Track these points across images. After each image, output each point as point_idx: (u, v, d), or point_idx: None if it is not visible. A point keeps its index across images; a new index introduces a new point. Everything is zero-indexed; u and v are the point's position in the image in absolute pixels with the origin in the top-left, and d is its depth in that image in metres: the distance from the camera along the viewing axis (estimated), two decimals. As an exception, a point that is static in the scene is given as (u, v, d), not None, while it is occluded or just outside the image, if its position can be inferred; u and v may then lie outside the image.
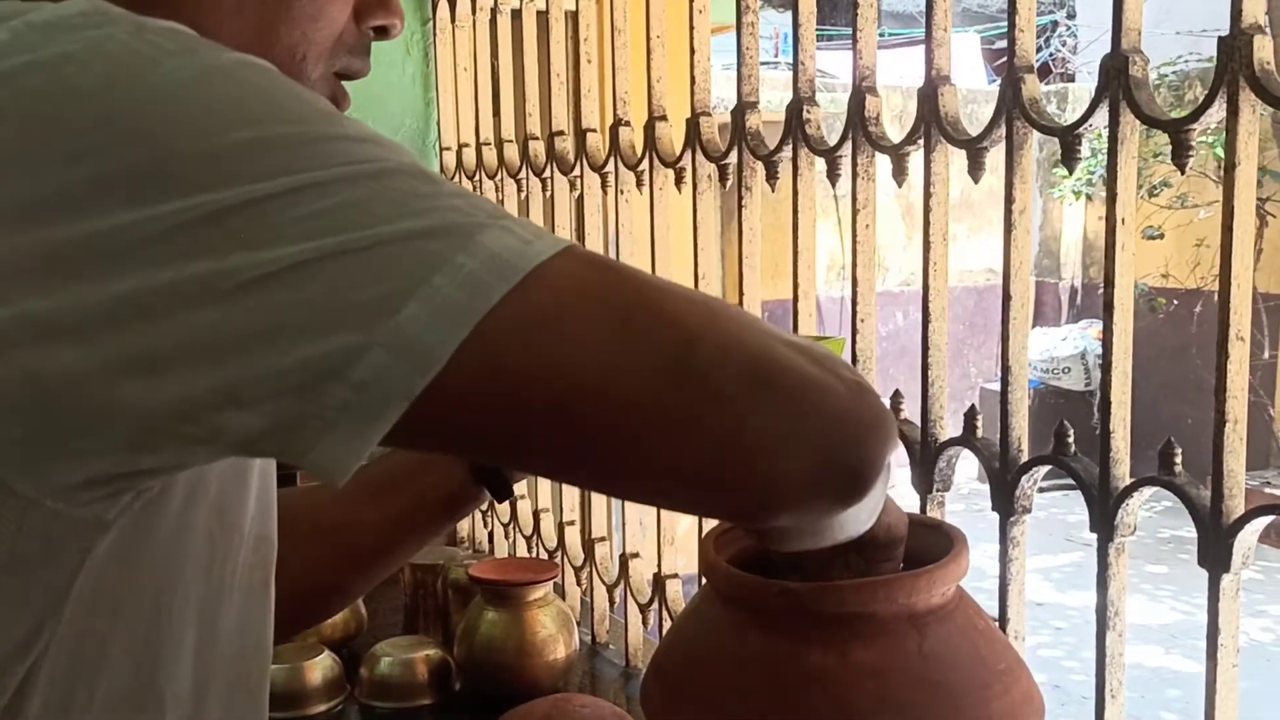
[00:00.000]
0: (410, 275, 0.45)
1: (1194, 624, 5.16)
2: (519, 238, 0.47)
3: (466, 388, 0.46)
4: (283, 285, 0.45)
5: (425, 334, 0.45)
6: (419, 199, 0.47)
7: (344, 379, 0.45)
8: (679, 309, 0.49)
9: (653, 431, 0.49)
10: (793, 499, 0.52)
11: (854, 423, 0.50)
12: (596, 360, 0.47)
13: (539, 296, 0.47)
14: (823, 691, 0.75)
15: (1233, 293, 0.83)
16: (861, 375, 0.54)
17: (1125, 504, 0.93)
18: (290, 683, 1.48)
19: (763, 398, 0.48)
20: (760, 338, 0.49)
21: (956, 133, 1.04)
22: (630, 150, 1.54)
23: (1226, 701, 0.89)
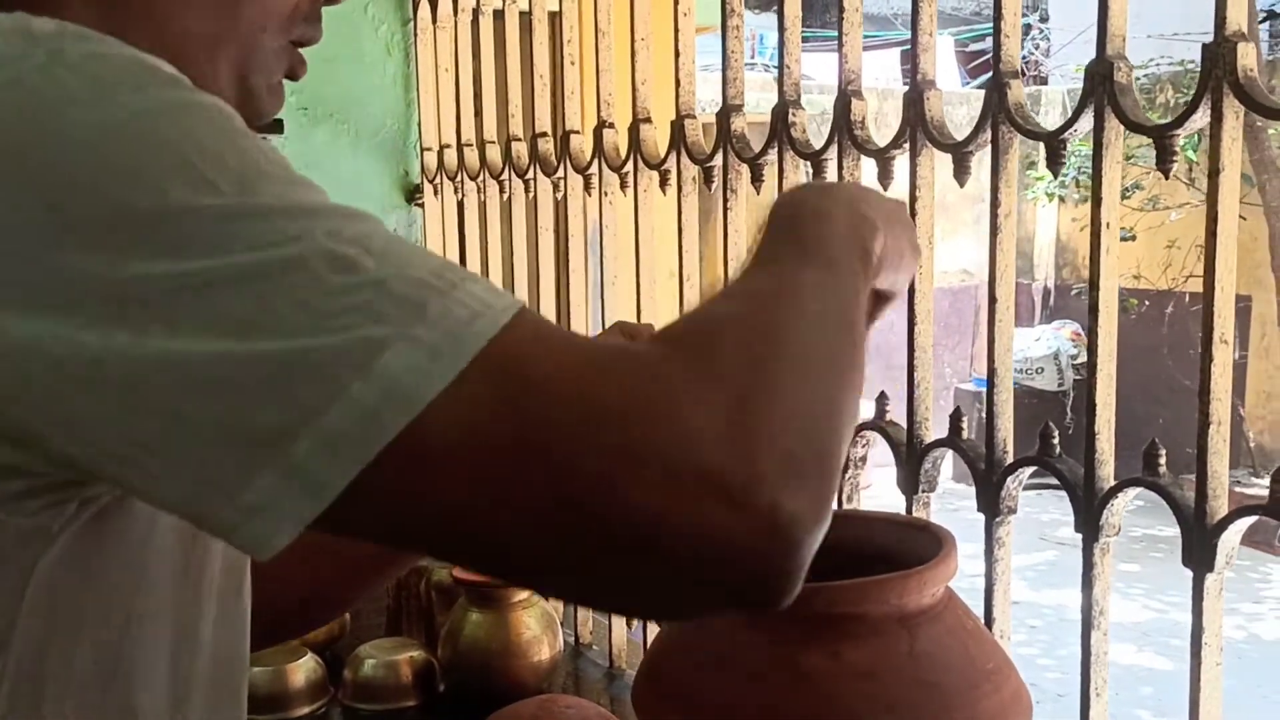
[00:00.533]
0: (304, 405, 0.43)
1: (1167, 622, 5.22)
2: (428, 351, 0.44)
3: (359, 518, 0.46)
4: (172, 391, 0.43)
5: (318, 469, 0.43)
6: (325, 299, 0.44)
7: (233, 502, 0.44)
8: (578, 451, 0.44)
9: (546, 574, 0.49)
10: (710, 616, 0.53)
11: (761, 568, 0.46)
12: (487, 510, 0.45)
13: (434, 433, 0.44)
14: (815, 692, 0.75)
15: (1216, 296, 0.84)
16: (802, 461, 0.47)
17: (1110, 504, 0.94)
18: (273, 685, 1.48)
19: (655, 560, 0.45)
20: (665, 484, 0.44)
21: (942, 137, 1.05)
22: (614, 152, 1.54)
23: (1210, 700, 0.90)
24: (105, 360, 0.43)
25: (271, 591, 0.79)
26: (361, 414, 0.43)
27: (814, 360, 0.52)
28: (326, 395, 0.43)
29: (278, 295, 0.44)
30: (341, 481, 0.44)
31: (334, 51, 2.12)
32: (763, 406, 0.47)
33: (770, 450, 0.46)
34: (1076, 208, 7.88)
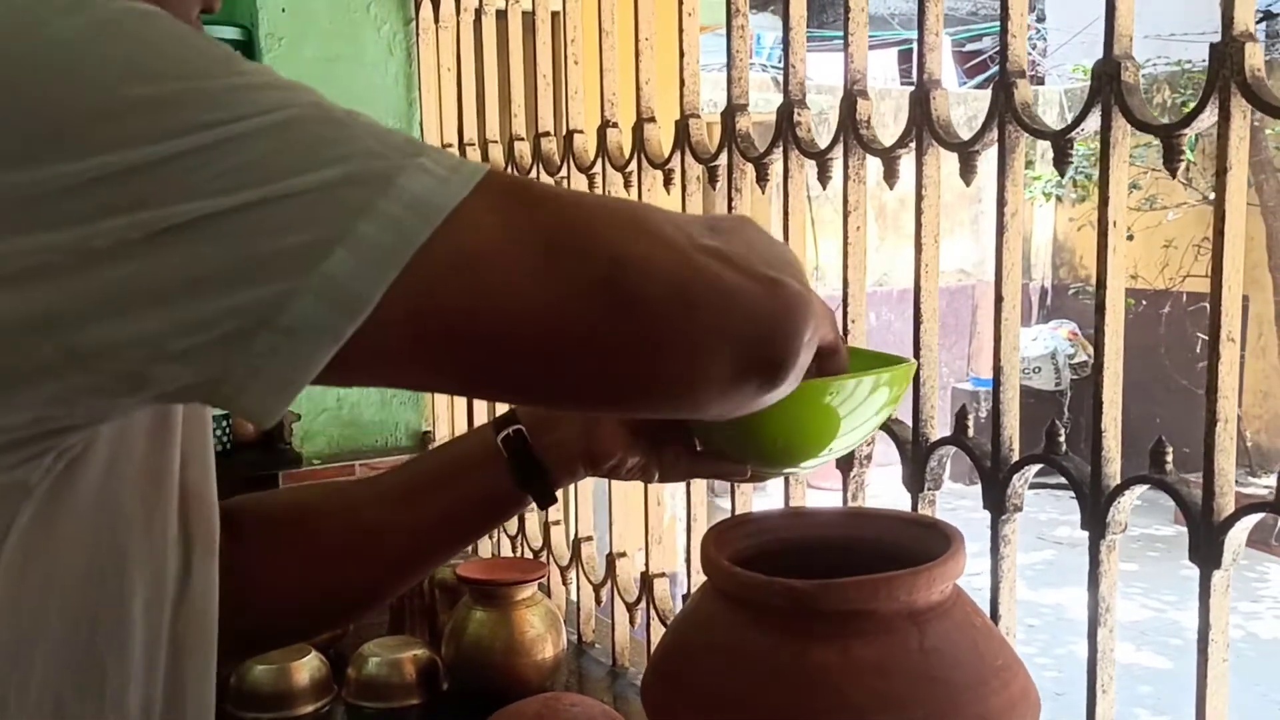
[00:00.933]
0: (335, 223, 0.46)
1: (1164, 621, 5.23)
2: (436, 176, 0.48)
3: (396, 329, 0.48)
4: (202, 236, 0.45)
5: (353, 280, 0.46)
6: (331, 145, 0.47)
7: (272, 325, 0.46)
8: (600, 231, 0.51)
9: (585, 355, 0.52)
10: (719, 395, 0.56)
11: (767, 320, 0.54)
12: (525, 293, 0.49)
13: (463, 235, 0.48)
14: (825, 688, 0.76)
15: (1224, 295, 0.84)
16: (781, 265, 0.56)
17: (1117, 502, 0.94)
18: (277, 683, 1.48)
19: (686, 311, 0.51)
20: (680, 249, 0.52)
21: (949, 136, 1.06)
22: (618, 151, 1.55)
23: (1217, 696, 0.90)
24: (128, 233, 0.44)
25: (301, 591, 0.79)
26: (389, 223, 0.46)
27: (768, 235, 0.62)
28: (352, 212, 0.46)
29: (286, 146, 0.46)
30: (377, 290, 0.46)
31: (335, 51, 2.13)
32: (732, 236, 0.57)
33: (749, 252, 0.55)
34: (1074, 207, 7.89)
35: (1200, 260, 7.06)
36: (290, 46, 2.09)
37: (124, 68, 0.46)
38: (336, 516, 0.82)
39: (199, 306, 0.46)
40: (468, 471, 0.82)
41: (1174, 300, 7.10)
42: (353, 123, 0.49)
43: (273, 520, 0.80)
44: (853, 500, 1.21)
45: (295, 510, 0.83)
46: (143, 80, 0.46)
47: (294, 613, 0.79)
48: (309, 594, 0.79)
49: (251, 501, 0.81)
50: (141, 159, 0.45)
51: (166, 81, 0.47)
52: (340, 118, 0.49)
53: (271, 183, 0.46)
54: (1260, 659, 4.84)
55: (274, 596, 0.75)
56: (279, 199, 0.46)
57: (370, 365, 0.50)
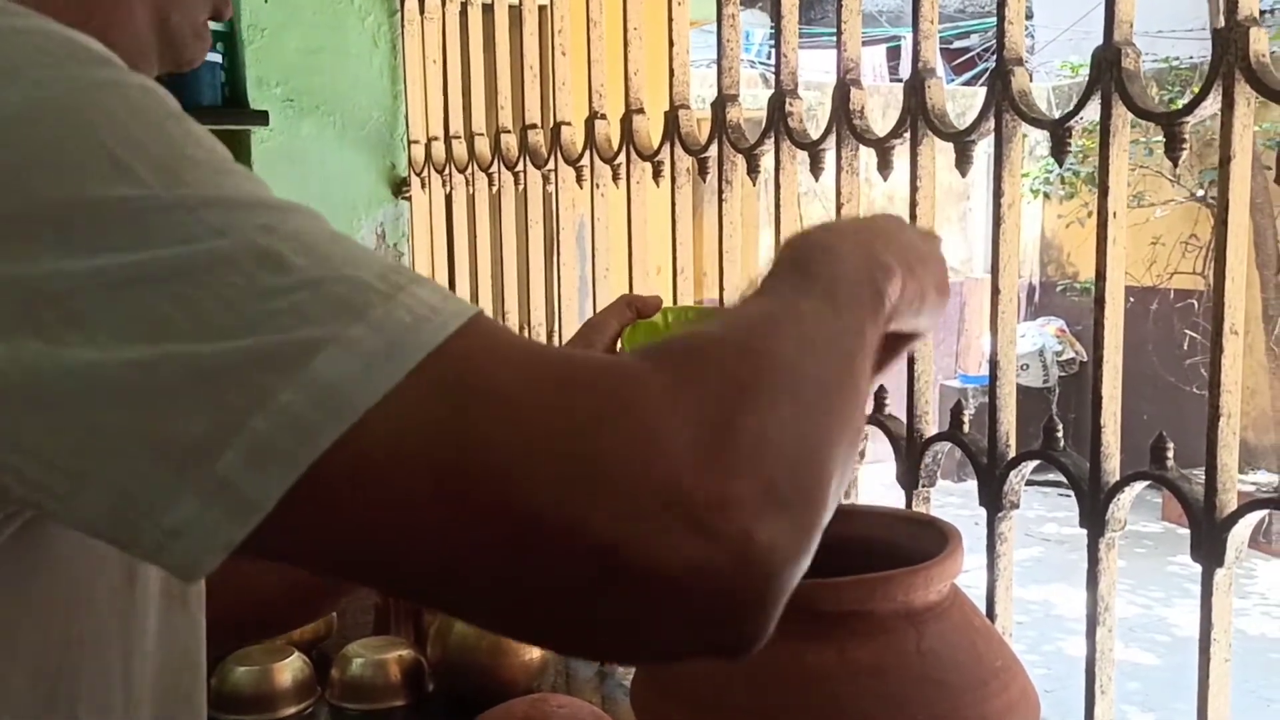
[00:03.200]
0: (228, 414, 0.39)
1: (1153, 618, 5.24)
2: (363, 356, 0.40)
3: (290, 538, 0.41)
4: (91, 402, 0.39)
5: (245, 485, 0.39)
6: (254, 299, 0.40)
7: (155, 523, 0.40)
8: (530, 471, 0.40)
9: (493, 612, 0.44)
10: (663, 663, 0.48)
11: (730, 604, 0.42)
12: (424, 535, 0.41)
13: (368, 448, 0.40)
14: (821, 690, 0.74)
15: (1227, 287, 0.82)
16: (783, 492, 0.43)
17: (1116, 499, 0.92)
18: (260, 685, 1.45)
19: (610, 592, 0.41)
20: (626, 507, 0.40)
21: (944, 126, 1.04)
22: (606, 143, 1.52)
23: (1219, 696, 0.89)
24: (9, 372, 0.39)
25: (266, 586, 0.76)
26: (290, 423, 0.39)
27: (806, 388, 0.47)
28: (252, 403, 0.39)
29: (201, 295, 0.40)
30: (270, 499, 0.39)
31: (320, 43, 2.10)
32: (744, 429, 0.43)
33: (748, 475, 0.42)
34: (1062, 204, 7.89)
35: (1188, 257, 7.08)
36: (273, 37, 2.06)
37: (33, 163, 0.40)
38: None
39: (81, 483, 0.40)
40: None
41: (1161, 297, 7.11)
42: (301, 260, 0.41)
43: None
44: (846, 498, 1.19)
45: None
46: (53, 182, 0.40)
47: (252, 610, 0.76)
48: (267, 589, 0.76)
49: None
50: (39, 279, 0.39)
51: (82, 185, 0.40)
52: (285, 257, 0.41)
53: (175, 342, 0.39)
54: (1248, 655, 4.85)
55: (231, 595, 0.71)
56: (176, 373, 0.39)
57: (272, 559, 0.43)
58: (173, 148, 0.42)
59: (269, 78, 2.06)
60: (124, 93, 0.42)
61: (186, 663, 0.64)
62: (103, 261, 0.39)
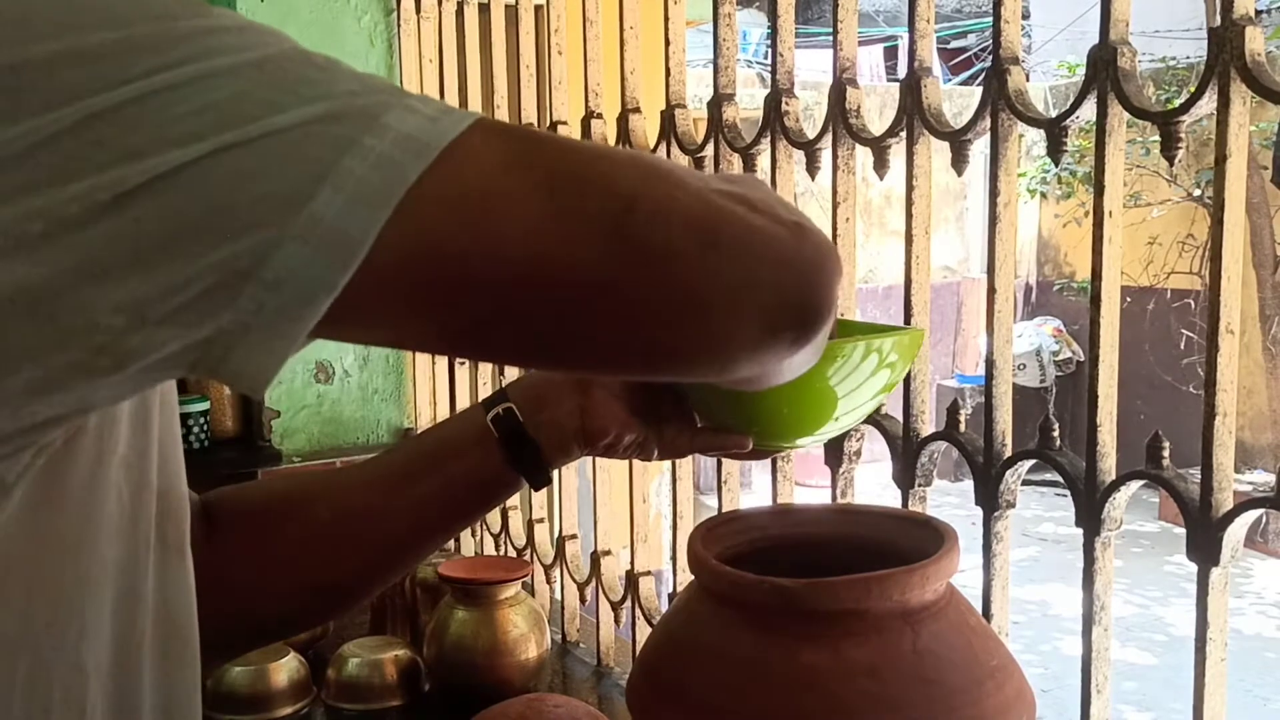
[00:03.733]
0: (318, 161, 0.42)
1: (1149, 617, 5.24)
2: (425, 115, 0.44)
3: (392, 275, 0.44)
4: (174, 189, 0.41)
5: (343, 221, 0.42)
6: (311, 84, 0.44)
7: (257, 279, 0.42)
8: (609, 172, 0.47)
9: (598, 304, 0.47)
10: (749, 349, 0.50)
11: (799, 265, 0.49)
12: (529, 235, 0.45)
13: (460, 171, 0.44)
14: (816, 690, 0.73)
15: (1223, 286, 0.82)
16: (801, 213, 0.52)
17: (1112, 498, 0.92)
18: (255, 685, 1.45)
19: (707, 254, 0.46)
20: (697, 191, 0.47)
21: (940, 125, 1.03)
22: (602, 143, 1.52)
23: (1215, 696, 0.88)
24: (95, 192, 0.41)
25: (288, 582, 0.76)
26: (378, 161, 0.42)
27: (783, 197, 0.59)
28: (337, 149, 0.42)
29: (266, 83, 0.43)
30: (369, 233, 0.42)
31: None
32: (749, 189, 0.51)
33: (772, 200, 0.51)
34: (1058, 204, 7.90)
35: (1184, 257, 7.09)
36: (269, 37, 2.06)
37: (81, 11, 0.43)
38: (322, 504, 0.78)
39: (177, 265, 0.42)
40: (458, 453, 0.78)
41: (1158, 297, 7.12)
42: (334, 66, 0.45)
43: (248, 513, 0.76)
44: (841, 497, 1.19)
45: (277, 501, 0.79)
46: (103, 24, 0.43)
47: (273, 607, 0.76)
48: (289, 585, 0.76)
49: (226, 494, 0.78)
50: (104, 106, 0.41)
51: (132, 24, 0.43)
52: (320, 61, 0.45)
53: (247, 123, 0.42)
54: (1243, 654, 4.85)
55: (251, 591, 0.72)
56: (255, 140, 0.42)
57: (364, 318, 0.46)
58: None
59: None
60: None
61: (183, 615, 0.64)
62: (164, 76, 0.42)
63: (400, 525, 0.78)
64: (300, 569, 0.76)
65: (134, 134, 0.41)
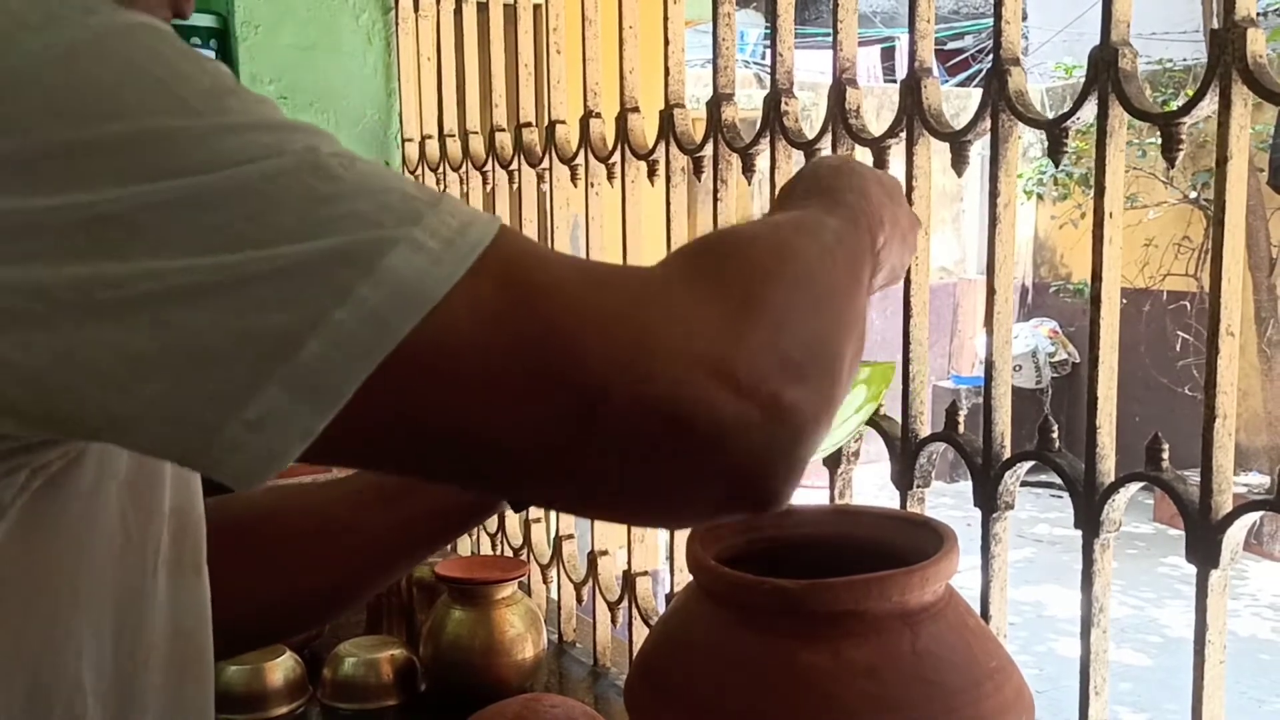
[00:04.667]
0: (310, 307, 0.42)
1: (1144, 619, 5.25)
2: (429, 253, 0.43)
3: (366, 426, 0.44)
4: (174, 307, 0.41)
5: (325, 373, 0.42)
6: (318, 206, 0.43)
7: (238, 417, 0.42)
8: (589, 345, 0.45)
9: (557, 479, 0.48)
10: (700, 521, 0.54)
11: (765, 458, 0.48)
12: (497, 409, 0.45)
13: (445, 333, 0.43)
14: (814, 691, 0.73)
15: (1224, 287, 0.82)
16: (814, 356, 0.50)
17: (1111, 500, 0.92)
18: (251, 684, 1.45)
19: (672, 452, 0.46)
20: (683, 371, 0.46)
21: (940, 125, 1.03)
22: (601, 142, 1.52)
23: (1214, 699, 0.88)
24: (93, 289, 0.41)
25: (288, 583, 0.76)
26: (369, 315, 0.42)
27: (820, 285, 0.54)
28: (332, 297, 0.42)
29: (269, 206, 0.43)
30: (350, 386, 0.43)
31: (313, 40, 2.09)
32: (764, 312, 0.49)
33: (772, 351, 0.48)
34: (1055, 205, 7.90)
35: (1180, 259, 7.10)
36: (266, 34, 2.05)
37: (98, 99, 0.42)
38: (305, 518, 0.79)
39: (165, 386, 0.42)
40: None
41: (1154, 299, 7.12)
42: (348, 174, 0.44)
43: (236, 527, 0.77)
44: (839, 498, 1.19)
45: (259, 515, 0.80)
46: (116, 114, 0.42)
47: (253, 619, 0.76)
48: (271, 598, 0.77)
49: (209, 505, 0.78)
50: (109, 206, 0.41)
51: (142, 116, 0.42)
52: (333, 170, 0.44)
53: (254, 249, 0.42)
54: (1239, 656, 4.86)
55: (234, 603, 0.72)
56: (258, 273, 0.42)
57: (338, 457, 0.47)
58: (214, 79, 0.45)
59: (262, 75, 2.05)
60: (158, 32, 0.45)
61: (195, 638, 0.64)
62: (168, 184, 0.42)
63: (383, 541, 0.80)
64: (284, 579, 0.76)
65: (135, 241, 0.41)
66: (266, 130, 0.44)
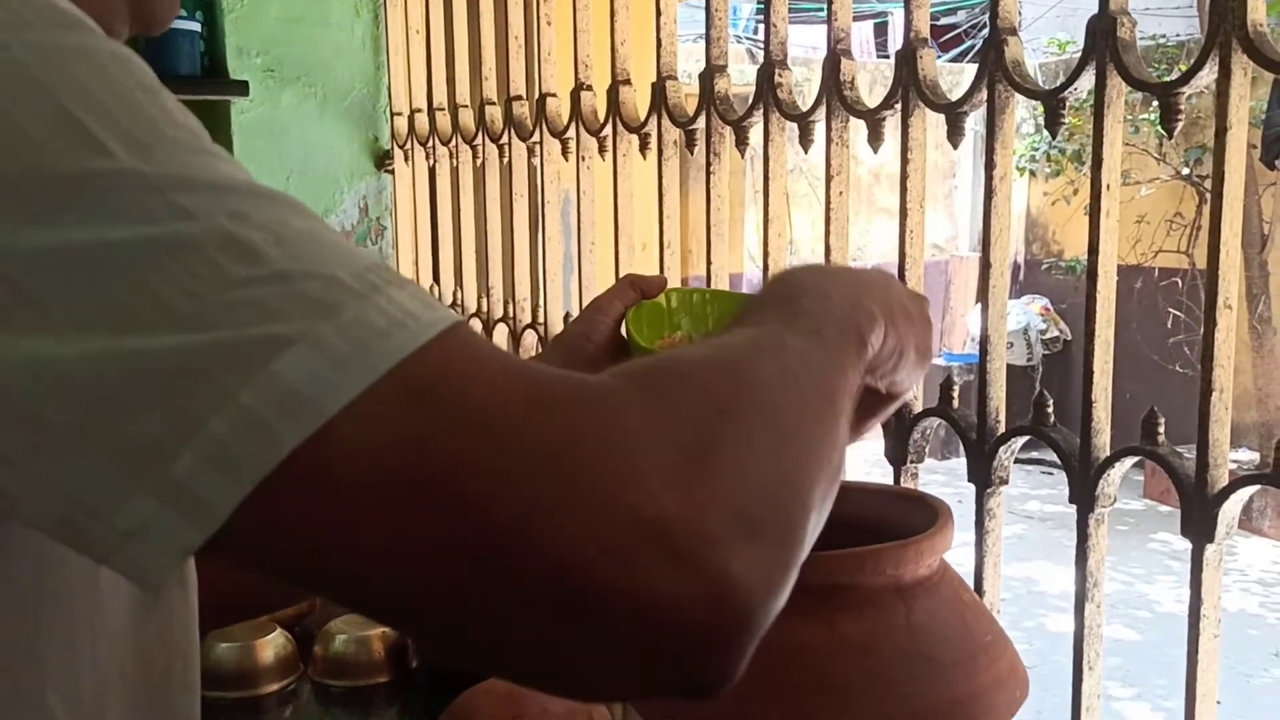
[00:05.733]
0: (183, 414, 0.37)
1: (1133, 594, 5.27)
2: (332, 358, 0.38)
3: (248, 549, 0.40)
4: (38, 394, 0.37)
5: (201, 489, 0.37)
6: (218, 290, 0.38)
7: (110, 525, 0.38)
8: (510, 492, 0.38)
9: (448, 635, 0.41)
10: (613, 701, 0.45)
11: (702, 646, 0.40)
12: (386, 550, 0.39)
13: (332, 458, 0.38)
14: (809, 664, 0.73)
15: (1221, 260, 0.82)
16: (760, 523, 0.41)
17: (1106, 474, 0.92)
18: (241, 662, 1.44)
19: (571, 622, 0.39)
20: (602, 531, 0.38)
21: (936, 97, 1.02)
22: (592, 115, 1.50)
23: (1208, 672, 0.88)
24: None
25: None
26: (249, 426, 0.37)
27: (786, 419, 0.46)
28: (210, 403, 0.37)
29: (163, 282, 0.37)
30: (227, 505, 0.37)
31: (300, 12, 2.07)
32: (720, 457, 0.41)
33: (724, 505, 0.40)
34: (1047, 182, 7.89)
35: (1172, 236, 7.09)
36: (253, 7, 2.03)
37: (17, 119, 0.38)
38: None
39: (28, 475, 0.38)
40: None
41: (1146, 276, 7.12)
42: (273, 251, 0.39)
43: None
44: (833, 473, 1.18)
45: None
46: (20, 148, 0.37)
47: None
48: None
49: None
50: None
51: (53, 151, 0.37)
52: (256, 247, 0.39)
53: (126, 334, 0.37)
54: (1227, 632, 4.88)
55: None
56: (127, 370, 0.37)
57: (226, 564, 0.41)
58: (143, 120, 0.40)
59: (249, 47, 2.03)
60: (94, 59, 0.40)
61: (183, 642, 0.63)
62: (60, 239, 0.37)
63: None
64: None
65: (16, 303, 0.37)
66: (189, 189, 0.39)
